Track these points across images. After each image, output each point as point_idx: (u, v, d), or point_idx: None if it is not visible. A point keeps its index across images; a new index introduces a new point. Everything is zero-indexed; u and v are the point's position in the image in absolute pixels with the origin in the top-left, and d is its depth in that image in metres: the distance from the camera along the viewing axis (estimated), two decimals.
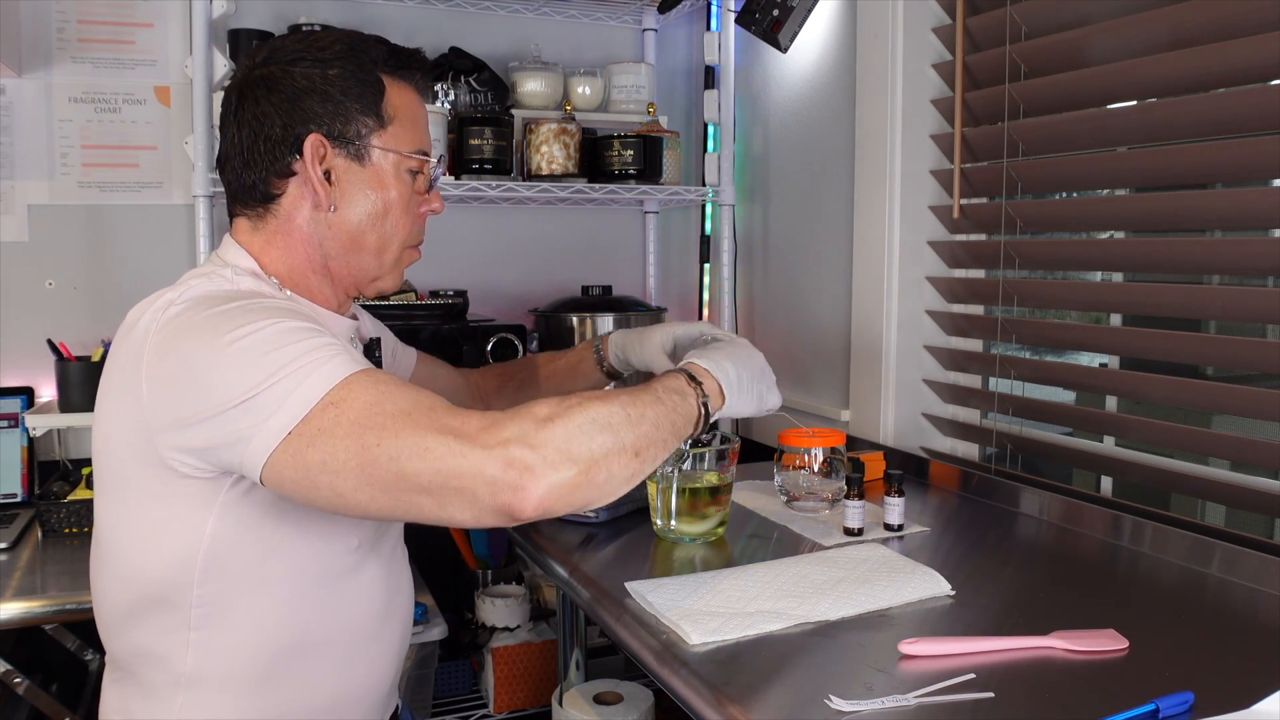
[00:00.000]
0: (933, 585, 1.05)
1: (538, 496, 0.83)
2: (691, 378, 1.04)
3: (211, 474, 0.91)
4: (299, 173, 1.03)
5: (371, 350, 1.20)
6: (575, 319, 2.01)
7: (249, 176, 1.04)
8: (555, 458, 0.84)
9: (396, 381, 0.90)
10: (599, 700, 1.67)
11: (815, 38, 1.90)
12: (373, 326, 1.30)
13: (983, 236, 1.64)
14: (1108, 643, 0.91)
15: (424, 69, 1.12)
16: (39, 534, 1.66)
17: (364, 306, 1.55)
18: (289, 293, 1.06)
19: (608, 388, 1.34)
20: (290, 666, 1.00)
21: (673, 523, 1.24)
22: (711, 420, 1.05)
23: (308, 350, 0.88)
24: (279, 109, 1.02)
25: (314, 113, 1.02)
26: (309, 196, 1.04)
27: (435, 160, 1.13)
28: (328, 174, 1.04)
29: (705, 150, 2.25)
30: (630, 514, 1.34)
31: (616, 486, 0.90)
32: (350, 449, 0.84)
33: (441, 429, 0.84)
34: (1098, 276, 1.60)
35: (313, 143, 1.02)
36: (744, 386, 1.10)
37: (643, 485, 1.28)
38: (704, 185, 2.15)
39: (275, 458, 0.85)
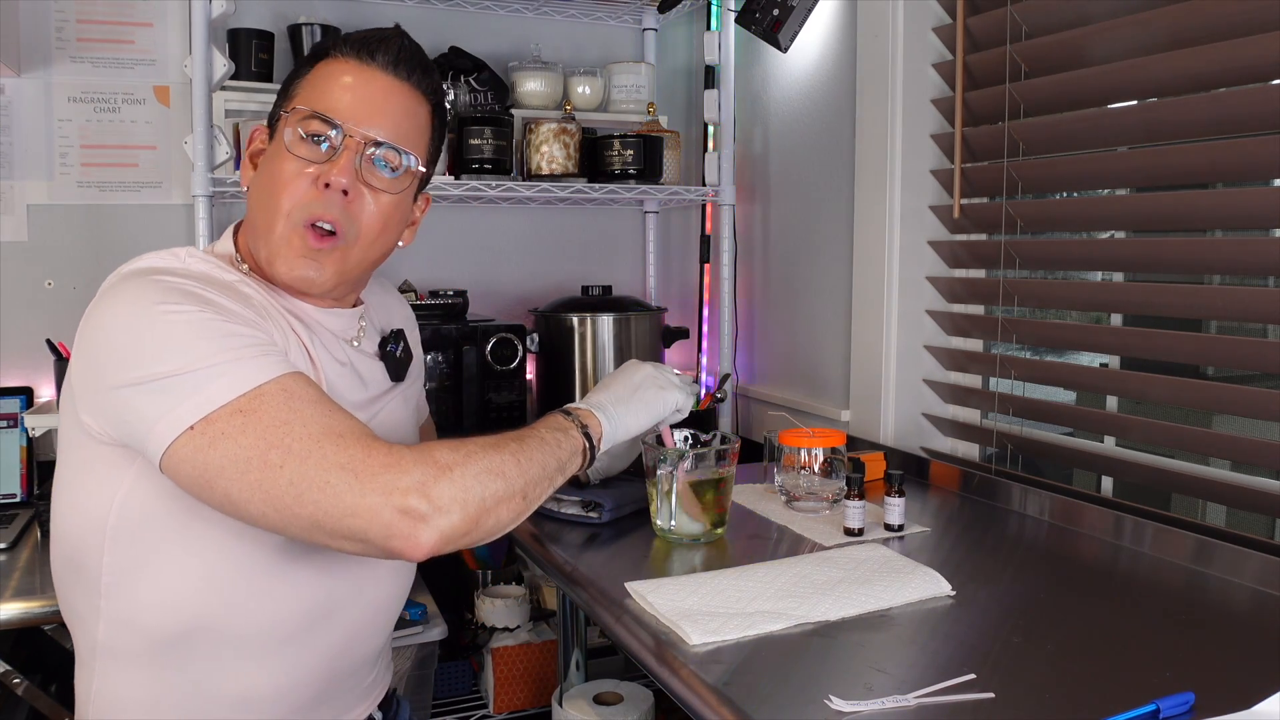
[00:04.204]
0: (933, 585, 1.05)
1: (429, 545, 0.85)
2: (568, 413, 1.09)
3: (120, 443, 0.90)
4: None
5: (385, 343, 1.14)
6: (575, 319, 2.01)
7: None
8: (449, 506, 0.85)
9: (312, 397, 0.88)
10: (599, 700, 1.67)
11: (815, 38, 1.90)
12: (401, 319, 1.24)
13: (983, 236, 1.63)
14: None
15: (362, 41, 1.03)
16: (38, 534, 1.66)
17: None
18: (254, 277, 1.01)
19: None
20: (194, 652, 0.96)
21: (673, 523, 1.23)
22: (599, 447, 1.09)
23: (228, 348, 0.87)
24: None
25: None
26: None
27: (337, 122, 0.97)
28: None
29: (705, 150, 2.25)
30: (630, 514, 1.34)
31: (503, 528, 0.92)
32: (251, 461, 0.84)
33: (345, 464, 0.84)
34: (1098, 276, 1.60)
35: (249, 133, 1.08)
36: (623, 403, 1.14)
37: (643, 485, 1.28)
38: (704, 185, 2.15)
39: (174, 449, 0.85)
